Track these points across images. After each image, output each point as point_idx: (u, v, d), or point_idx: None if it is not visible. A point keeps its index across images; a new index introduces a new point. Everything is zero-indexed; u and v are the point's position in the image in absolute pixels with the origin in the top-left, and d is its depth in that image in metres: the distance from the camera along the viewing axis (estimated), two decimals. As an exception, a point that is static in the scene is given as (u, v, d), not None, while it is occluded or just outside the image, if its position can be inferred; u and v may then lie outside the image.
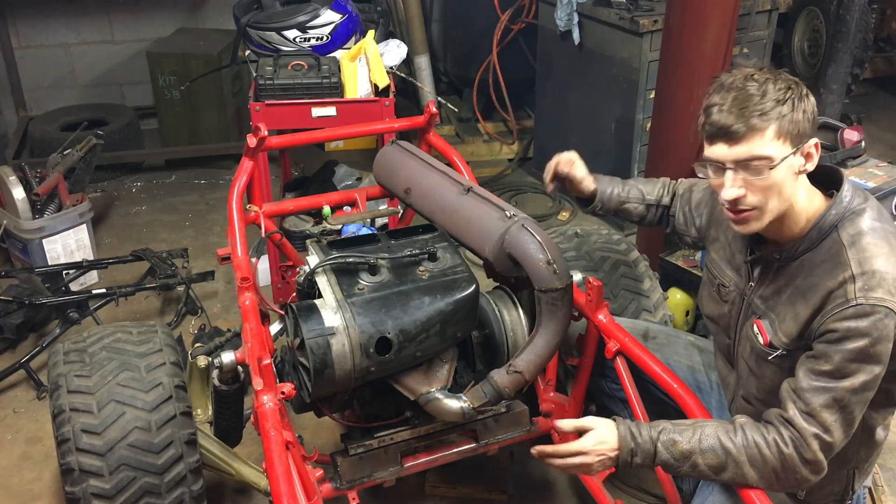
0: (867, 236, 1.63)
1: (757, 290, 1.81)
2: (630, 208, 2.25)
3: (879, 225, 1.65)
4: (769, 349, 1.75)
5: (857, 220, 1.65)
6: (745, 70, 1.64)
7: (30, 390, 3.08)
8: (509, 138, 5.02)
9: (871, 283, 1.57)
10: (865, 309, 1.55)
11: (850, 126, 3.34)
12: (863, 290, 1.57)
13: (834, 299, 1.60)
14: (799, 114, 1.59)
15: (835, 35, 4.23)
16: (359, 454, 2.11)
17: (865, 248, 1.61)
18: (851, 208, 1.66)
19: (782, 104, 1.58)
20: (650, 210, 2.25)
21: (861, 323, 1.56)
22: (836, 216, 1.66)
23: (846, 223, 1.65)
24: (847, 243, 1.63)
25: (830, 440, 1.61)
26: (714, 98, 1.63)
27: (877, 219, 1.66)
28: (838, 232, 1.65)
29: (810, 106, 1.61)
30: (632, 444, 1.75)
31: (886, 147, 5.10)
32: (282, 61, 3.27)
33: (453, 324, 2.02)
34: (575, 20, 4.05)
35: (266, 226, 2.59)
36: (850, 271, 1.59)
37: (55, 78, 5.22)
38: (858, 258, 1.60)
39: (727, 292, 1.90)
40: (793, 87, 1.60)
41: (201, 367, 2.47)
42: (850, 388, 1.58)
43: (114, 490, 1.91)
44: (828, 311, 1.60)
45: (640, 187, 2.26)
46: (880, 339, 1.56)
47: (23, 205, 3.53)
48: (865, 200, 1.69)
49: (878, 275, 1.57)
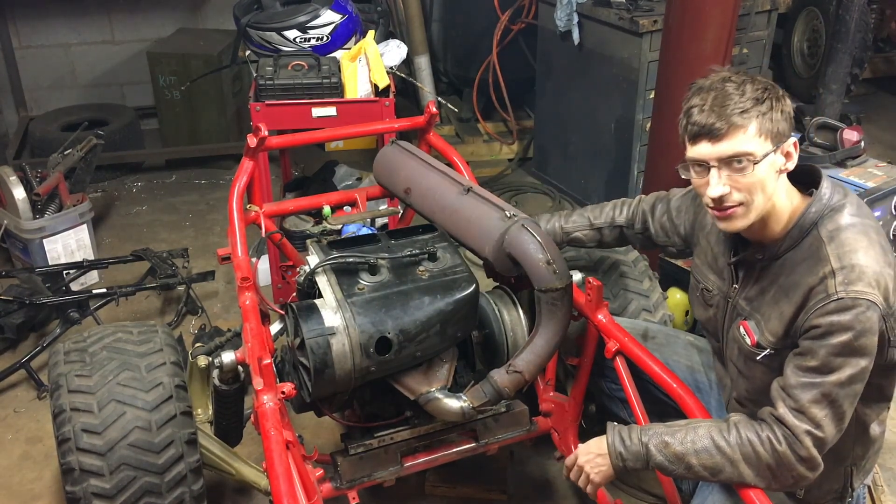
0: (846, 231, 1.64)
1: (741, 291, 1.82)
2: (580, 236, 2.29)
3: (858, 220, 1.67)
4: (757, 349, 1.76)
5: (836, 216, 1.67)
6: (721, 73, 1.67)
7: (30, 390, 3.08)
8: (509, 138, 5.03)
9: (850, 276, 1.58)
10: (847, 303, 1.57)
11: (849, 126, 3.34)
12: (843, 284, 1.58)
13: (815, 295, 1.61)
14: (777, 113, 1.62)
15: (834, 35, 4.24)
16: (359, 454, 2.12)
17: (844, 243, 1.63)
18: (831, 205, 1.68)
19: (761, 103, 1.61)
20: (601, 232, 2.28)
21: (843, 317, 1.57)
22: (816, 213, 1.67)
23: (826, 220, 1.67)
24: (826, 239, 1.64)
25: (822, 435, 1.62)
26: (693, 100, 1.66)
27: (856, 214, 1.68)
28: (818, 229, 1.67)
29: (787, 107, 1.65)
30: (620, 448, 1.76)
31: (886, 147, 5.10)
32: (282, 61, 3.27)
33: (453, 324, 2.02)
34: (575, 20, 4.05)
35: (266, 226, 2.59)
36: (829, 266, 1.61)
37: (55, 78, 5.22)
38: (838, 253, 1.62)
39: (711, 296, 1.92)
40: (769, 87, 1.64)
41: (202, 366, 2.47)
42: (837, 382, 1.59)
43: (114, 490, 1.91)
44: (811, 307, 1.62)
45: (587, 214, 2.29)
46: (864, 332, 1.57)
47: (23, 205, 3.54)
48: (845, 196, 1.70)
49: (858, 268, 1.59)
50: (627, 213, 2.25)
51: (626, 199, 2.30)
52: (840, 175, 3.19)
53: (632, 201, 2.27)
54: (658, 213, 2.18)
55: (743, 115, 1.60)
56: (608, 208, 2.29)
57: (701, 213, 2.02)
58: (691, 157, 1.68)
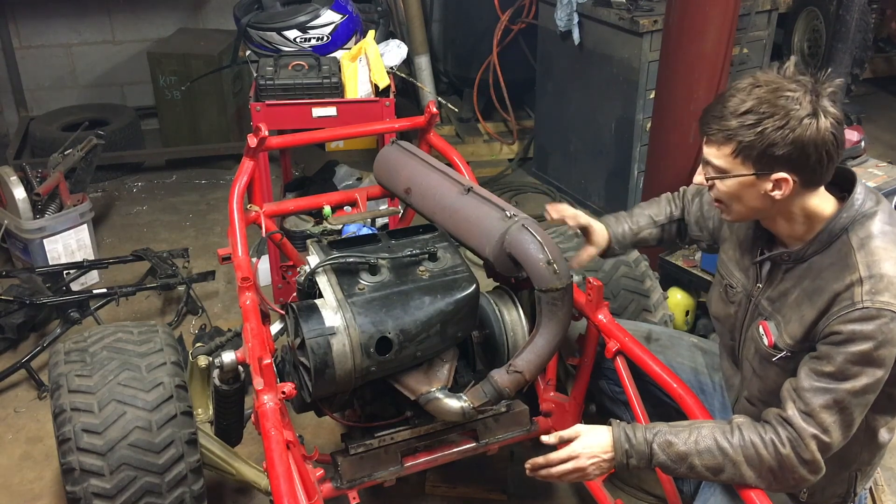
0: (877, 240, 1.62)
1: (764, 291, 1.80)
2: (646, 236, 2.21)
3: (890, 228, 1.64)
4: (773, 350, 1.75)
5: (867, 223, 1.64)
6: (761, 77, 1.60)
7: (31, 390, 3.09)
8: (509, 138, 5.03)
9: (878, 286, 1.56)
10: (871, 312, 1.55)
11: (849, 126, 3.34)
12: (870, 294, 1.56)
13: (840, 301, 1.59)
14: (768, 140, 1.54)
15: (834, 35, 4.23)
16: (359, 454, 2.12)
17: (874, 252, 1.60)
18: (863, 211, 1.65)
19: (752, 127, 1.55)
20: (665, 230, 2.21)
21: (866, 326, 1.55)
22: (847, 219, 1.64)
23: (857, 226, 1.64)
24: (856, 246, 1.62)
25: (829, 441, 1.61)
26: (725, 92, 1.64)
27: (888, 222, 1.65)
28: (848, 235, 1.64)
29: (793, 136, 1.53)
30: (626, 445, 1.75)
31: (886, 147, 5.10)
32: (282, 61, 3.27)
33: (454, 324, 2.02)
34: (575, 20, 4.06)
35: (267, 226, 2.59)
36: (857, 274, 1.59)
37: (56, 78, 5.22)
38: (867, 261, 1.59)
39: (734, 293, 1.90)
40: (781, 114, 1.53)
41: (202, 366, 2.47)
42: (851, 390, 1.58)
43: (114, 490, 1.91)
44: (833, 312, 1.60)
45: (647, 212, 2.22)
46: (884, 343, 1.55)
47: (24, 205, 3.54)
48: (878, 203, 1.67)
49: (886, 278, 1.56)
50: (680, 205, 2.21)
51: (676, 192, 2.25)
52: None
53: (678, 194, 2.23)
54: (695, 206, 2.15)
55: (724, 133, 1.59)
56: (664, 203, 2.23)
57: None
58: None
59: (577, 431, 1.81)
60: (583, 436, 1.80)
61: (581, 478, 1.83)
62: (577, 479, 1.84)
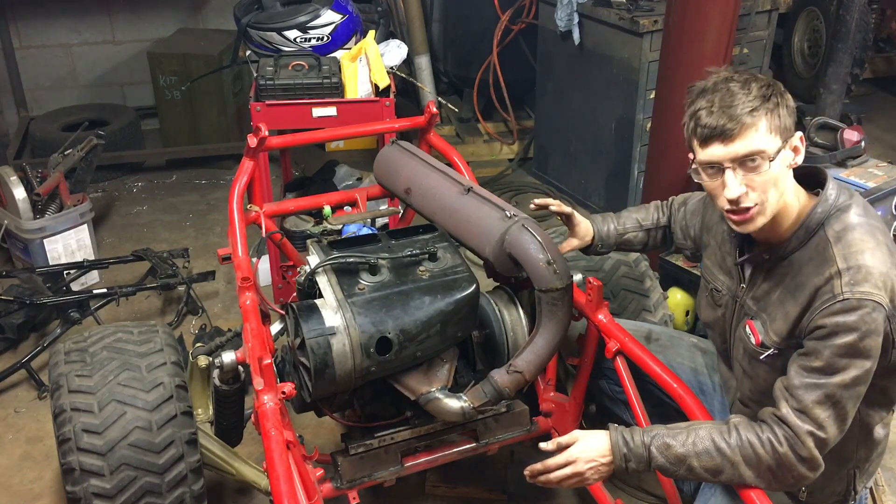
0: (853, 231, 1.64)
1: (749, 291, 1.82)
2: (630, 238, 2.26)
3: (865, 220, 1.66)
4: (761, 349, 1.76)
5: (842, 216, 1.66)
6: (721, 73, 1.67)
7: (31, 390, 3.09)
8: (509, 138, 5.03)
9: (857, 277, 1.58)
10: (852, 303, 1.56)
11: (849, 126, 3.35)
12: (849, 285, 1.57)
13: (821, 295, 1.61)
14: (783, 108, 1.63)
15: (834, 35, 4.23)
16: (359, 454, 2.12)
17: (851, 244, 1.62)
18: (837, 205, 1.67)
19: (767, 100, 1.61)
20: (650, 234, 2.26)
21: (849, 318, 1.56)
22: (823, 213, 1.67)
23: (832, 220, 1.66)
24: (833, 239, 1.64)
25: (825, 436, 1.62)
26: (699, 102, 1.65)
27: (862, 214, 1.67)
28: (825, 229, 1.66)
29: (790, 101, 1.65)
30: (624, 449, 1.75)
31: (886, 147, 5.10)
32: (282, 61, 3.27)
33: (454, 324, 2.02)
34: (575, 20, 4.06)
35: (267, 226, 2.59)
36: (836, 267, 1.60)
37: (56, 78, 5.22)
38: (844, 253, 1.61)
39: (720, 296, 1.92)
40: (771, 84, 1.64)
41: (202, 366, 2.46)
42: (841, 383, 1.59)
43: (114, 490, 1.91)
44: (816, 307, 1.61)
45: (635, 216, 2.27)
46: (869, 334, 1.56)
47: (24, 205, 3.54)
48: (851, 197, 1.70)
49: (864, 269, 1.58)
50: (667, 213, 2.25)
51: (664, 200, 2.28)
52: (840, 175, 3.19)
53: (667, 203, 2.27)
54: (680, 214, 2.19)
55: (752, 114, 1.59)
56: (652, 210, 2.27)
57: (707, 214, 2.02)
58: (703, 160, 1.66)
59: (575, 437, 1.82)
60: (580, 441, 1.80)
61: (580, 483, 1.84)
62: (576, 484, 1.84)
